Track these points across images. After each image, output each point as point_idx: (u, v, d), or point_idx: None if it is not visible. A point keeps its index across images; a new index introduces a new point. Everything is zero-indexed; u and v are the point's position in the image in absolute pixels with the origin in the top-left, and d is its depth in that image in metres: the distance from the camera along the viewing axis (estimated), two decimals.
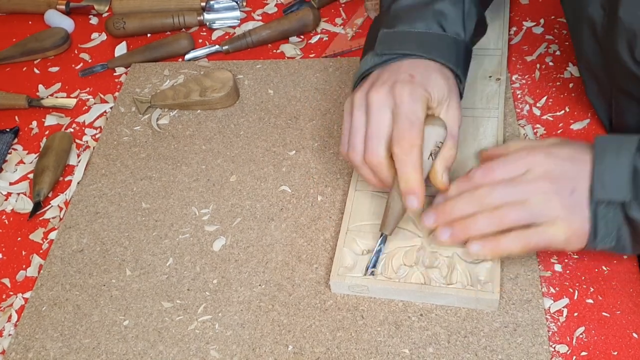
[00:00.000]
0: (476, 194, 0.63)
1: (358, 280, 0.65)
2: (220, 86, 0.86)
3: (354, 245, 0.67)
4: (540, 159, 0.62)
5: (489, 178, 0.63)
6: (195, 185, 0.78)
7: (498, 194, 0.62)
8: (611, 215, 0.59)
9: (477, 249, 0.62)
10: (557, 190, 0.61)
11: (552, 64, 0.85)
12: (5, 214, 0.80)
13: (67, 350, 0.65)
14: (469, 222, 0.62)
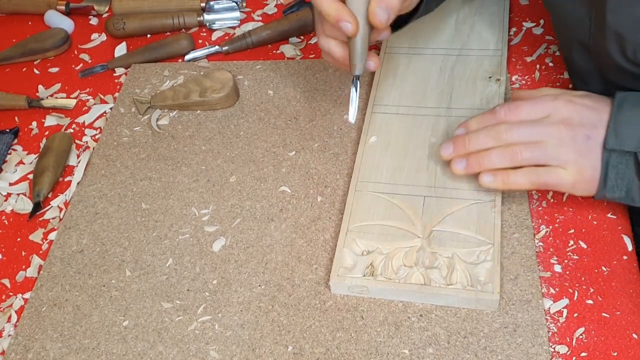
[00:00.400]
0: (495, 130, 0.66)
1: (358, 280, 0.65)
2: (220, 87, 0.86)
3: (354, 245, 0.67)
4: (562, 104, 0.66)
5: (510, 116, 0.67)
6: (195, 185, 0.78)
7: (516, 132, 0.65)
8: (623, 165, 0.63)
9: (488, 180, 0.66)
10: (573, 136, 0.64)
11: (552, 65, 0.86)
12: (5, 215, 0.80)
13: (67, 350, 0.65)
14: (483, 155, 0.67)
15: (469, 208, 0.69)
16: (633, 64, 0.66)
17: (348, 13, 0.64)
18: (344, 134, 0.81)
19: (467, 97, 0.80)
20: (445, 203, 0.69)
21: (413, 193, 0.71)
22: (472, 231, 0.67)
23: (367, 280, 0.65)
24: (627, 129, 0.62)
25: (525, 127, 0.66)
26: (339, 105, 0.85)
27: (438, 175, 0.72)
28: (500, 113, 0.68)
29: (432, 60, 0.85)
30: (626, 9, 0.63)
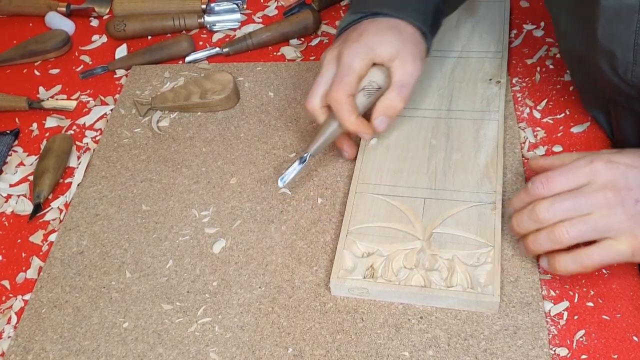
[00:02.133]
0: (535, 210, 0.60)
1: (358, 282, 0.65)
2: (220, 88, 0.86)
3: (354, 247, 0.67)
4: (601, 167, 0.60)
5: (547, 189, 0.61)
6: (195, 187, 0.78)
7: (559, 208, 0.59)
8: None
9: (544, 265, 0.63)
10: (622, 201, 0.58)
11: (553, 67, 0.86)
12: (5, 216, 0.80)
13: (67, 352, 0.65)
14: (530, 241, 0.61)
15: (469, 210, 0.69)
16: (625, 83, 0.65)
17: (361, 124, 0.71)
18: None
19: (467, 100, 0.80)
20: (446, 205, 0.69)
21: (413, 195, 0.71)
22: (472, 233, 0.67)
23: (367, 282, 0.64)
24: None
25: (567, 200, 0.59)
26: None
27: (438, 177, 0.72)
28: (536, 189, 0.61)
29: (433, 62, 0.85)
30: (617, 26, 0.61)
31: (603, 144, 0.76)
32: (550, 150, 0.76)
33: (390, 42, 0.70)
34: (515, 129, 0.78)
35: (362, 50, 0.70)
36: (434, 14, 0.75)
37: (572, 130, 0.78)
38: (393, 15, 0.73)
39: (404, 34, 0.71)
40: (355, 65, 0.70)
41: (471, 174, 0.72)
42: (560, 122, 0.79)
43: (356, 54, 0.70)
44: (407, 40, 0.71)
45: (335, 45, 0.73)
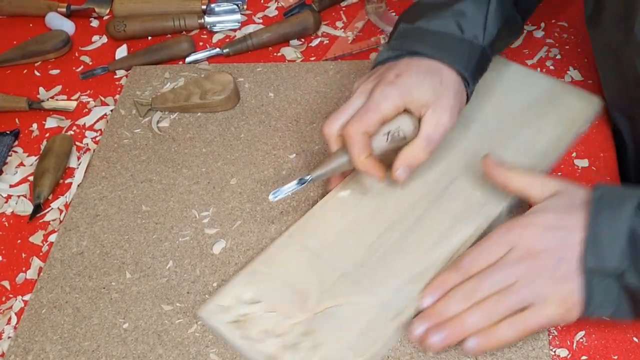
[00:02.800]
0: (463, 290, 0.59)
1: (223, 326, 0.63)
2: (220, 89, 0.86)
3: (243, 290, 0.65)
4: (519, 234, 0.59)
5: (473, 266, 0.59)
6: (195, 188, 0.78)
7: (485, 285, 0.58)
8: (607, 282, 0.56)
9: (472, 344, 0.57)
10: (543, 266, 0.57)
11: (553, 68, 0.86)
12: (5, 217, 0.80)
13: (67, 353, 0.65)
14: (460, 321, 0.58)
15: (368, 312, 0.62)
16: None
17: (374, 166, 0.66)
18: None
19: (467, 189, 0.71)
20: (354, 289, 0.64)
21: (335, 265, 0.66)
22: (355, 332, 0.61)
23: (229, 327, 0.63)
24: (606, 243, 0.55)
25: (492, 275, 0.58)
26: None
27: (372, 259, 0.66)
28: (462, 267, 0.60)
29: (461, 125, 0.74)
30: None
31: (603, 145, 0.76)
32: None
33: (428, 88, 0.66)
34: None
35: (395, 93, 0.65)
36: (479, 58, 0.69)
37: None
38: (434, 57, 0.68)
39: (445, 81, 0.67)
40: (383, 106, 0.65)
41: (401, 274, 0.64)
42: None
43: (389, 95, 0.65)
44: (447, 89, 0.67)
45: (370, 79, 0.69)
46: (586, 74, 0.84)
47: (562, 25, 0.91)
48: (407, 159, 0.66)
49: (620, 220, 0.55)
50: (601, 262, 0.55)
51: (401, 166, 0.67)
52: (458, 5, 0.70)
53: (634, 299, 0.56)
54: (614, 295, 0.56)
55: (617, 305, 0.56)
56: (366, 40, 0.95)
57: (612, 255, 0.55)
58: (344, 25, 0.99)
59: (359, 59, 0.92)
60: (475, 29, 0.69)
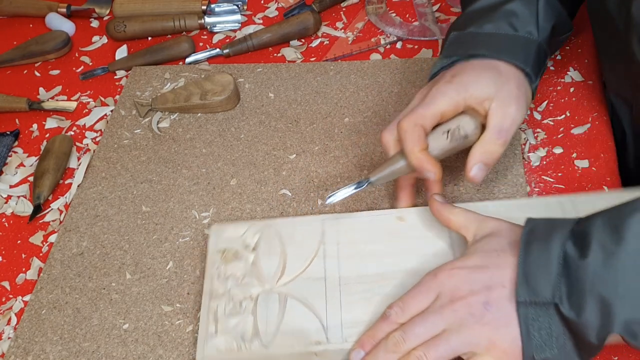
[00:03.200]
0: (391, 341, 0.55)
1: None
2: (220, 89, 0.86)
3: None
4: (445, 278, 0.56)
5: (402, 316, 0.57)
6: (195, 188, 0.78)
7: (412, 335, 0.55)
8: (544, 318, 0.52)
9: None
10: (470, 310, 0.54)
11: (553, 69, 0.85)
12: (5, 217, 0.80)
13: (67, 353, 0.65)
14: None
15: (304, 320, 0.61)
16: None
17: (430, 162, 0.63)
18: (345, 137, 0.81)
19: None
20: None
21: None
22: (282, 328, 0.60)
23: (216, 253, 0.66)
24: (538, 273, 0.52)
25: (418, 324, 0.55)
26: (340, 108, 0.85)
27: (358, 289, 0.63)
28: (391, 316, 0.57)
29: None
30: None
31: (603, 145, 0.76)
32: (550, 151, 0.76)
33: (488, 81, 0.64)
34: None
35: (452, 88, 0.64)
36: (536, 54, 0.68)
37: (572, 131, 0.78)
38: (491, 56, 0.66)
39: (505, 74, 0.65)
40: (439, 100, 0.63)
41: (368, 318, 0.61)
42: (560, 124, 0.79)
43: (445, 92, 0.64)
44: (509, 80, 0.65)
45: (426, 87, 0.68)
46: (586, 74, 0.84)
47: None
48: (481, 155, 0.63)
49: (550, 250, 0.52)
50: (534, 295, 0.52)
51: (475, 164, 0.63)
52: (507, 6, 0.69)
53: (575, 336, 0.51)
54: (556, 332, 0.51)
55: (562, 346, 0.51)
56: (366, 40, 0.95)
57: (544, 285, 0.51)
58: (344, 25, 0.99)
59: (359, 60, 0.92)
60: (528, 26, 0.68)
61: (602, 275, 0.50)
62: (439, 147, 0.64)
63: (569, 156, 0.75)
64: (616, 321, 0.49)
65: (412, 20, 0.97)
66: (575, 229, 0.53)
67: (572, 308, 0.50)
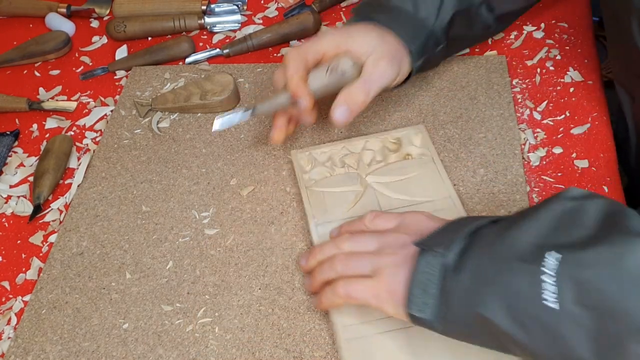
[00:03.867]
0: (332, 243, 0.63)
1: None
2: (220, 89, 0.86)
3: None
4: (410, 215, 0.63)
5: (371, 224, 0.64)
6: (195, 188, 0.78)
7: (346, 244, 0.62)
8: (431, 271, 0.54)
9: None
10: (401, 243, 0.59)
11: (553, 69, 0.86)
12: (5, 217, 0.80)
13: (67, 353, 0.65)
14: (315, 272, 0.63)
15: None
16: None
17: (301, 90, 0.69)
18: (344, 136, 0.81)
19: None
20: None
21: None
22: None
23: None
24: (441, 234, 0.56)
25: (362, 238, 0.62)
26: None
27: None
28: (365, 220, 0.64)
29: None
30: None
31: (603, 145, 0.76)
32: (550, 151, 0.76)
33: (371, 39, 0.71)
34: (515, 130, 0.78)
35: (338, 33, 0.72)
36: (426, 38, 0.74)
37: (572, 131, 0.78)
38: (384, 24, 0.73)
39: (387, 40, 0.72)
40: (322, 40, 0.71)
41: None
42: (560, 124, 0.79)
43: (331, 32, 0.72)
44: (389, 44, 0.72)
45: None
46: (586, 74, 0.84)
47: (562, 25, 0.91)
48: (344, 98, 0.70)
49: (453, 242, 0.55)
50: (426, 243, 0.55)
51: (339, 106, 0.70)
52: None
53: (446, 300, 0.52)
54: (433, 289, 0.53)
55: (435, 307, 0.53)
56: None
57: (439, 242, 0.55)
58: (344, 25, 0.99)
59: None
60: (428, 11, 0.74)
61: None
62: (319, 81, 0.70)
63: (568, 156, 0.75)
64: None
65: None
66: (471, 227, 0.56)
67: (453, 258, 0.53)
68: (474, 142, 0.77)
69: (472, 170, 0.74)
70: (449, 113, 0.81)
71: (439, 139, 0.78)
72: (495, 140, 0.77)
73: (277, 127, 0.75)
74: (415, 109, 0.82)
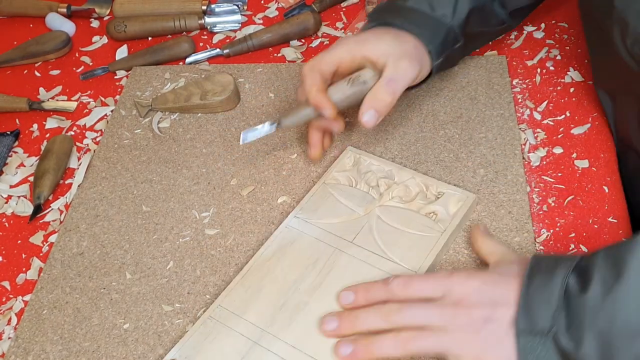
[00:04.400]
0: (385, 308, 0.58)
1: None
2: (221, 90, 0.86)
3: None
4: (457, 282, 0.58)
5: (403, 291, 0.59)
6: (195, 188, 0.78)
7: (408, 314, 0.57)
8: (542, 348, 0.52)
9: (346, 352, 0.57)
10: (471, 320, 0.55)
11: (553, 69, 0.86)
12: (6, 217, 0.80)
13: (67, 353, 0.65)
14: (372, 342, 0.57)
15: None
16: (631, 58, 0.65)
17: (324, 102, 0.69)
18: (345, 137, 0.81)
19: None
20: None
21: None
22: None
23: None
24: (539, 302, 0.52)
25: (417, 309, 0.57)
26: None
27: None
28: (393, 284, 0.59)
29: None
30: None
31: (603, 145, 0.76)
32: (550, 151, 0.76)
33: (388, 41, 0.71)
34: (515, 130, 0.78)
35: (352, 40, 0.71)
36: (445, 35, 0.74)
37: (572, 131, 0.78)
38: (402, 27, 0.73)
39: (405, 40, 0.72)
40: (337, 49, 0.71)
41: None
42: (560, 124, 0.79)
43: (345, 42, 0.71)
44: (406, 45, 0.71)
45: None
46: (586, 74, 0.84)
47: (562, 26, 0.91)
48: (371, 102, 0.69)
49: (552, 283, 0.53)
50: (533, 324, 0.52)
51: (367, 110, 0.69)
52: None
53: None
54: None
55: None
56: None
57: (544, 315, 0.52)
58: (344, 25, 0.99)
59: None
60: (445, 9, 0.74)
61: (601, 309, 0.50)
62: (341, 93, 0.71)
63: (569, 156, 0.76)
64: (618, 356, 0.49)
65: None
66: (579, 264, 0.54)
67: (570, 340, 0.51)
68: (474, 142, 0.78)
69: (472, 170, 0.74)
70: (449, 113, 0.81)
71: (439, 139, 0.78)
72: (496, 140, 0.77)
73: (313, 145, 0.75)
74: (416, 109, 0.82)
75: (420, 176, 0.72)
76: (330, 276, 0.65)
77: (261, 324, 0.62)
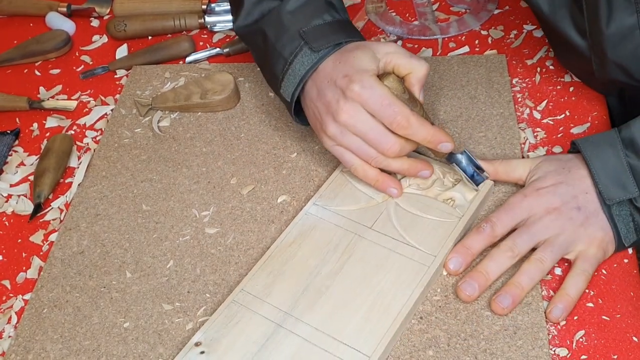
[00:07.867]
0: (503, 248, 0.64)
1: None
2: (221, 89, 0.86)
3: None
4: (534, 199, 0.65)
5: (502, 228, 0.65)
6: (195, 187, 0.78)
7: (520, 242, 0.64)
8: (624, 211, 0.64)
9: (558, 314, 0.61)
10: (567, 216, 0.64)
11: (553, 68, 0.86)
12: (6, 216, 0.80)
13: (67, 352, 0.65)
14: (519, 280, 0.62)
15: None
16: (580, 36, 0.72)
17: (445, 135, 0.68)
18: None
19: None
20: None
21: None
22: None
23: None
24: (612, 179, 0.64)
25: (524, 234, 0.64)
26: None
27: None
28: (486, 230, 0.65)
29: None
30: (624, 45, 0.67)
31: None
32: (550, 150, 0.76)
33: (364, 57, 0.67)
34: (515, 129, 0.78)
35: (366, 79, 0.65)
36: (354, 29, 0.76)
37: (572, 131, 0.78)
38: (350, 40, 0.71)
39: (364, 43, 0.71)
40: (382, 92, 0.65)
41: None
42: (560, 123, 0.79)
43: (369, 85, 0.65)
44: (370, 42, 0.71)
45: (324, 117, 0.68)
46: None
47: None
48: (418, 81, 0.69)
49: (612, 156, 0.64)
50: (616, 195, 0.63)
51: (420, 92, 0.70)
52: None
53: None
54: (632, 219, 0.64)
55: (637, 229, 0.64)
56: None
57: (622, 188, 0.63)
58: None
59: None
60: (343, 13, 0.76)
61: None
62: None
63: None
64: None
65: (411, 19, 0.97)
66: (623, 137, 0.64)
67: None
68: (473, 141, 0.78)
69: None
70: (449, 112, 0.82)
71: None
72: (495, 140, 0.77)
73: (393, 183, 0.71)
74: None
75: (437, 163, 0.73)
76: (350, 261, 0.66)
77: (284, 307, 0.63)
